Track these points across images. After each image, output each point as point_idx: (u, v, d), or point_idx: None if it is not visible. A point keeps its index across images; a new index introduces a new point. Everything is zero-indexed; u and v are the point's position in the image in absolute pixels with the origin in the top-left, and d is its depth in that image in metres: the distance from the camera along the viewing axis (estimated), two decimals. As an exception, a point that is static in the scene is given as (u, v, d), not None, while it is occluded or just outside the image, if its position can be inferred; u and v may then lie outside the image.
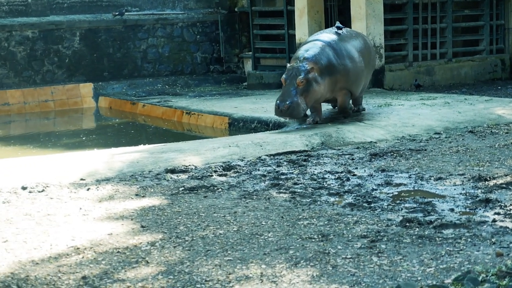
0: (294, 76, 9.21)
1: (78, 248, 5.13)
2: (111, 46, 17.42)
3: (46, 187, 6.91)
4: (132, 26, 17.65)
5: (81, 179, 7.24)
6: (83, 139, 12.49)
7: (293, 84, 9.20)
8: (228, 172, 7.48)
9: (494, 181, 6.70)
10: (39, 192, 6.78)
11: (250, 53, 17.23)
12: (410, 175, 7.15)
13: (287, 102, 9.14)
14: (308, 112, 9.80)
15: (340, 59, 9.61)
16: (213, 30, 18.37)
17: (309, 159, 8.01)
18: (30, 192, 6.78)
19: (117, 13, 17.62)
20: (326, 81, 9.46)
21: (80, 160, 8.06)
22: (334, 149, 8.57)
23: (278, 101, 9.24)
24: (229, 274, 4.56)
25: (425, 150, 8.30)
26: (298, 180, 7.07)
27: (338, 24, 10.28)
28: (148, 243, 5.22)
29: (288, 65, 9.47)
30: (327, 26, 14.99)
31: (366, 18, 13.87)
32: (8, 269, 4.74)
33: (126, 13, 17.77)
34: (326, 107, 10.59)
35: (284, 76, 9.35)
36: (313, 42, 9.76)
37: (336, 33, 9.97)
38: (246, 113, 11.72)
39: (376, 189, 6.64)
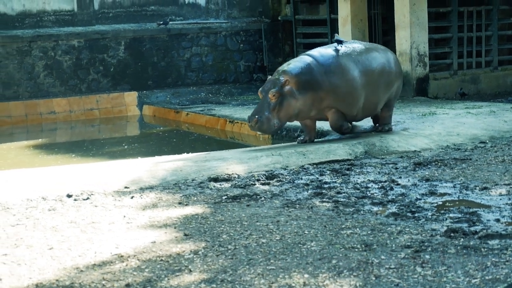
0: (269, 89, 8.82)
1: (122, 256, 5.17)
2: (155, 55, 17.56)
3: (91, 195, 6.98)
4: (176, 35, 17.77)
5: (125, 187, 7.29)
6: (128, 147, 12.59)
7: (266, 97, 8.84)
8: (271, 181, 7.47)
9: (541, 191, 6.60)
10: (84, 200, 6.85)
11: (293, 61, 17.21)
12: (455, 184, 7.08)
13: (256, 116, 8.77)
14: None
15: (328, 75, 8.92)
16: (257, 39, 18.42)
17: (352, 168, 7.97)
18: (75, 200, 6.85)
19: (161, 23, 17.76)
20: (307, 97, 8.87)
21: (124, 168, 8.12)
22: (378, 158, 8.52)
23: (250, 115, 8.93)
24: (272, 283, 4.55)
25: (470, 159, 8.21)
26: (341, 189, 7.04)
27: (337, 37, 9.53)
28: (191, 251, 5.24)
29: (268, 77, 9.14)
30: (370, 35, 14.96)
31: (410, 26, 13.78)
32: (54, 276, 4.79)
33: (170, 22, 17.90)
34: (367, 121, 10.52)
35: (260, 89, 9.02)
36: (301, 56, 9.33)
37: (335, 48, 9.26)
38: (289, 122, 11.67)
39: (420, 199, 6.59)
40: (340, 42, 9.35)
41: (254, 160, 8.31)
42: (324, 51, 9.23)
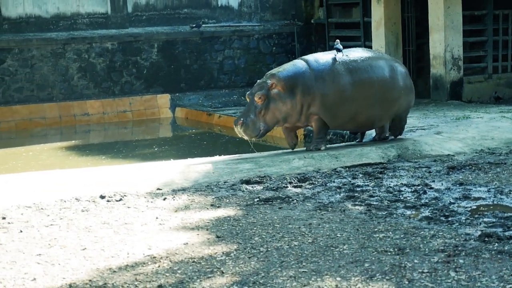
0: (255, 93, 8.68)
1: (154, 257, 5.18)
2: (188, 58, 17.62)
3: (124, 196, 7.01)
4: (209, 38, 17.82)
5: (158, 189, 7.32)
6: (160, 149, 12.64)
7: (253, 100, 8.70)
8: (303, 184, 7.45)
9: None
10: (117, 201, 6.88)
11: (326, 64, 17.16)
12: (489, 189, 7.00)
13: (241, 119, 8.66)
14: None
15: (317, 81, 8.66)
16: (289, 42, 18.41)
17: (385, 171, 7.93)
18: (108, 201, 6.88)
19: (194, 25, 17.82)
20: (295, 101, 8.64)
21: (157, 170, 8.15)
22: (411, 161, 8.46)
23: (237, 118, 8.84)
24: (304, 285, 4.54)
25: (505, 163, 8.12)
26: (373, 192, 7.00)
27: (337, 45, 9.07)
28: (223, 253, 5.24)
29: (257, 81, 8.95)
30: (404, 38, 14.87)
31: (445, 29, 13.69)
32: (87, 277, 4.82)
33: (203, 25, 17.96)
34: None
35: (248, 92, 8.89)
36: (295, 60, 9.13)
37: (334, 55, 8.88)
38: (322, 125, 11.69)
39: (453, 203, 6.53)
40: (339, 50, 8.99)
41: (287, 163, 8.30)
42: (320, 57, 8.97)
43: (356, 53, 9.06)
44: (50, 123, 15.90)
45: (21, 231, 5.93)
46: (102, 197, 6.99)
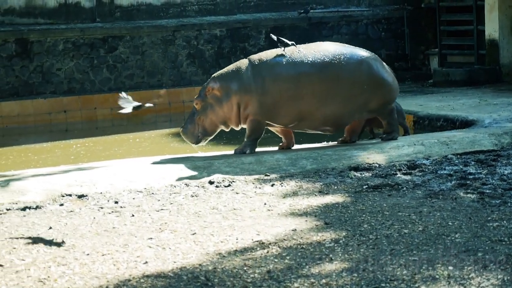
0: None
1: (263, 243, 5.20)
2: (295, 44, 17.58)
3: (232, 182, 7.06)
4: (316, 23, 17.74)
5: (266, 175, 7.34)
6: (266, 135, 12.65)
7: (194, 106, 8.43)
8: (412, 171, 7.33)
9: None
10: (225, 187, 6.94)
11: (436, 49, 16.87)
12: None
13: (182, 125, 8.43)
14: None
15: (256, 81, 8.18)
16: (398, 27, 18.12)
17: (499, 159, 7.70)
18: (216, 186, 6.95)
19: (302, 11, 17.78)
20: (232, 102, 8.23)
21: (264, 156, 8.17)
22: (526, 149, 8.20)
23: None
24: (415, 274, 4.46)
25: None
26: (486, 180, 6.82)
27: (285, 41, 8.54)
28: (331, 240, 5.21)
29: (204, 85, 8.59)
30: (518, 22, 14.45)
31: (562, 12, 13.22)
32: (197, 261, 4.87)
33: (311, 11, 17.89)
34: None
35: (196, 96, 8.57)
36: (240, 60, 8.66)
37: (282, 52, 8.41)
38: (432, 111, 11.52)
39: None
40: (286, 44, 8.49)
41: (395, 150, 8.18)
42: (265, 55, 8.46)
43: (310, 49, 8.45)
44: (160, 110, 16.19)
45: (133, 215, 6.06)
46: (211, 182, 7.06)
